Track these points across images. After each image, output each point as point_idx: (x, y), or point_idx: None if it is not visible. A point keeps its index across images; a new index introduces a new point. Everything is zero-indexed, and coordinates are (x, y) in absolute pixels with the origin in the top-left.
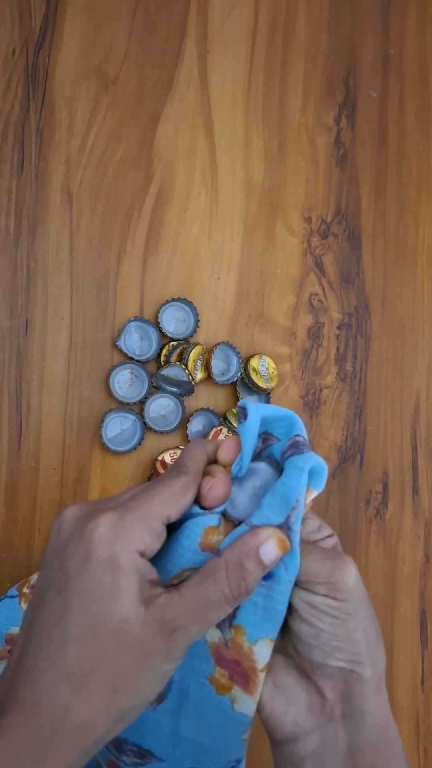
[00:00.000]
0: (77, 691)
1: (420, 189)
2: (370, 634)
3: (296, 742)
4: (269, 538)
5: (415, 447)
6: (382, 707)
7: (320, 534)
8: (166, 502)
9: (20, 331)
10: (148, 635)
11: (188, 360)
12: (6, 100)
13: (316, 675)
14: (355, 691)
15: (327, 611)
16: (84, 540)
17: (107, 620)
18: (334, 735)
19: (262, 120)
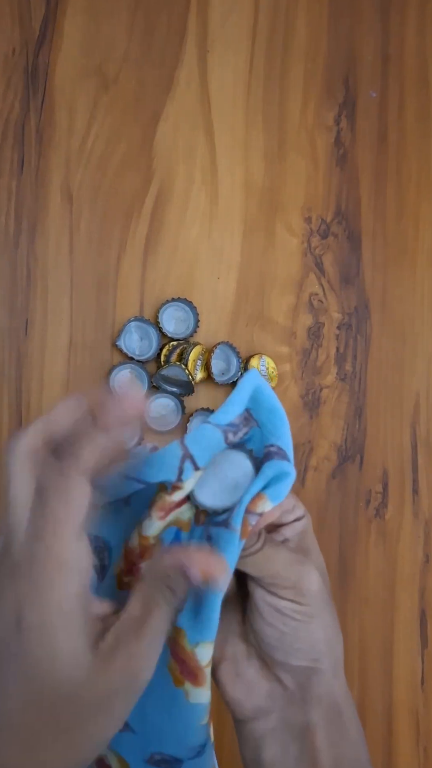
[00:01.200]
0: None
1: (420, 189)
2: (329, 630)
3: (257, 720)
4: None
5: (415, 447)
6: (338, 688)
7: (292, 515)
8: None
9: (20, 331)
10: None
11: (188, 360)
12: (6, 100)
13: (277, 669)
14: (313, 680)
15: (291, 615)
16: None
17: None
18: (293, 714)
19: (262, 120)
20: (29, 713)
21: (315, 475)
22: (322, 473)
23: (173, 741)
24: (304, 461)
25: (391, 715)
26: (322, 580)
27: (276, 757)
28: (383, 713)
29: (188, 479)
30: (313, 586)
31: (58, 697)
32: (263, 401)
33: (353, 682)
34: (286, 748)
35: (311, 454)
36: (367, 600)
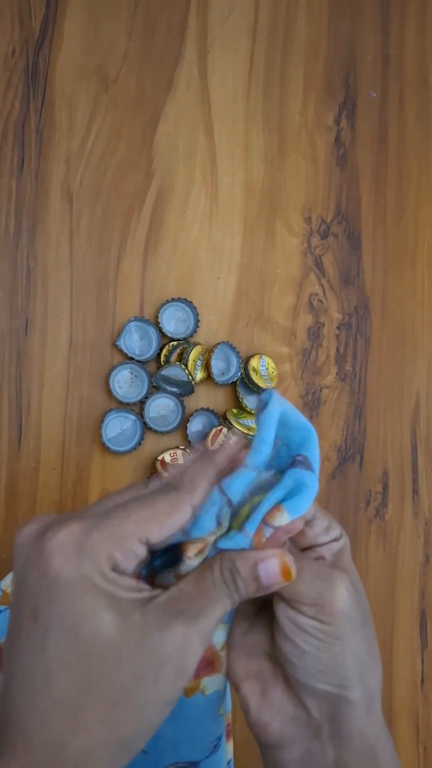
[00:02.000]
0: (71, 723)
1: (420, 189)
2: (360, 657)
3: (280, 749)
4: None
5: (415, 447)
6: (372, 726)
7: (327, 536)
8: (145, 522)
9: (20, 331)
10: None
11: (188, 360)
12: (6, 100)
13: (302, 693)
14: (343, 712)
15: (312, 633)
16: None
17: (95, 640)
18: (321, 750)
19: (262, 120)
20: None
21: None
22: (322, 473)
23: (189, 746)
24: None
25: (391, 715)
26: (352, 601)
27: None
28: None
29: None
30: (337, 604)
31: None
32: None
33: None
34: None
35: None
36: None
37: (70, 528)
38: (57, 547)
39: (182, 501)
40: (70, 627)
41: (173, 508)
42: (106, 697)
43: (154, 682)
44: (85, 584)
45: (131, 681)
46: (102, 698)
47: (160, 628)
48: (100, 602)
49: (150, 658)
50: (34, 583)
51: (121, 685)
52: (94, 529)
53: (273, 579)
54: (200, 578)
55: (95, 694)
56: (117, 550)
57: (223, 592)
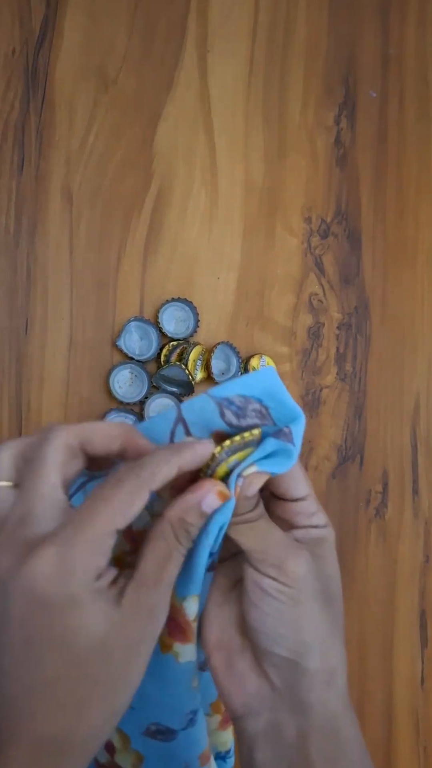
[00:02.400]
0: (76, 717)
1: (420, 189)
2: (320, 627)
3: (246, 719)
4: (208, 492)
5: (415, 447)
6: (333, 700)
7: (308, 520)
8: (111, 517)
9: (20, 331)
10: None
11: (188, 360)
12: (6, 100)
13: (264, 662)
14: (301, 681)
15: (274, 595)
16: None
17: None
18: (284, 720)
19: (262, 120)
20: (69, 677)
21: (315, 475)
22: (322, 473)
23: (167, 710)
24: (304, 461)
25: (391, 715)
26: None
27: (266, 759)
28: (383, 713)
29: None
30: (299, 569)
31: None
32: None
33: (353, 682)
34: (279, 754)
35: (311, 454)
36: (367, 600)
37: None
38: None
39: (142, 488)
40: (65, 646)
41: (133, 497)
42: (102, 689)
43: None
44: (74, 605)
45: (121, 668)
46: (99, 692)
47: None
48: (89, 616)
49: (131, 645)
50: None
51: (113, 675)
52: (69, 548)
53: (214, 505)
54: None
55: (93, 691)
56: (96, 556)
57: (178, 553)
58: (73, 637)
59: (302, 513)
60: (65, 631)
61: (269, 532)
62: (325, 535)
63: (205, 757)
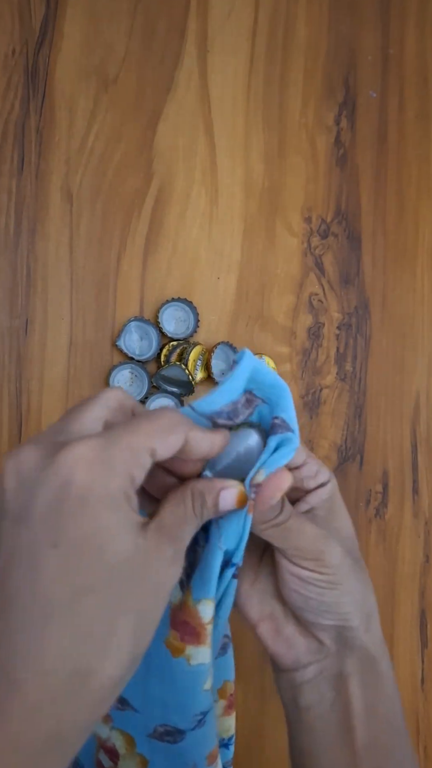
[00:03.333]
0: (101, 650)
1: (420, 189)
2: (356, 593)
3: (296, 671)
4: (233, 487)
5: (415, 447)
6: (371, 641)
7: (315, 481)
8: (152, 434)
9: (20, 331)
10: (156, 564)
11: (188, 360)
12: (6, 100)
13: (312, 628)
14: (347, 635)
15: (314, 583)
16: (62, 478)
17: (118, 562)
18: (329, 665)
19: (262, 120)
20: (99, 591)
21: None
22: None
23: (176, 711)
24: None
25: None
26: (344, 553)
27: (313, 702)
28: None
29: None
30: (334, 560)
31: (123, 571)
32: (263, 380)
33: None
34: (322, 695)
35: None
36: None
37: (90, 443)
38: (80, 462)
39: (181, 424)
40: (96, 550)
41: (172, 427)
42: (131, 618)
43: (159, 600)
44: (111, 503)
45: (146, 601)
46: (129, 620)
47: (158, 552)
48: (122, 523)
49: (155, 579)
50: (52, 505)
51: (140, 605)
52: (112, 445)
53: (228, 505)
54: (176, 509)
55: (124, 616)
56: (134, 466)
57: (194, 521)
58: (105, 541)
59: (308, 476)
60: (98, 531)
61: (302, 530)
62: (333, 489)
63: (213, 756)
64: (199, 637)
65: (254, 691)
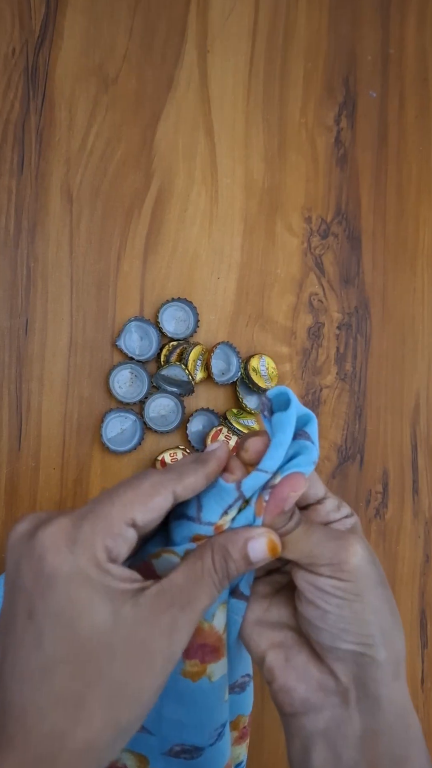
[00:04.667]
0: (72, 716)
1: (420, 189)
2: (382, 615)
3: (306, 716)
4: (261, 536)
5: (415, 447)
6: (399, 692)
7: (339, 513)
8: (129, 504)
9: (20, 331)
10: (145, 633)
11: (188, 360)
12: (6, 99)
13: (328, 657)
14: (370, 675)
15: (332, 592)
16: (35, 556)
17: (92, 635)
18: (348, 717)
19: (262, 120)
20: (74, 679)
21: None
22: (322, 473)
23: (195, 730)
24: None
25: None
26: (367, 558)
27: (326, 760)
28: None
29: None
30: (353, 560)
31: (101, 653)
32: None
33: None
34: (340, 753)
35: None
36: None
37: (61, 522)
38: (49, 542)
39: (165, 484)
40: (67, 623)
41: (155, 490)
42: (104, 689)
43: (147, 672)
44: (80, 578)
45: (126, 673)
46: (100, 691)
47: (150, 621)
48: (95, 596)
49: (142, 650)
50: (29, 580)
51: (117, 677)
52: (83, 521)
53: (260, 555)
54: (191, 568)
55: (94, 687)
56: (108, 538)
57: (212, 580)
58: (76, 615)
59: (330, 510)
60: (69, 605)
61: (312, 534)
62: (356, 522)
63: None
64: (218, 651)
65: (254, 691)
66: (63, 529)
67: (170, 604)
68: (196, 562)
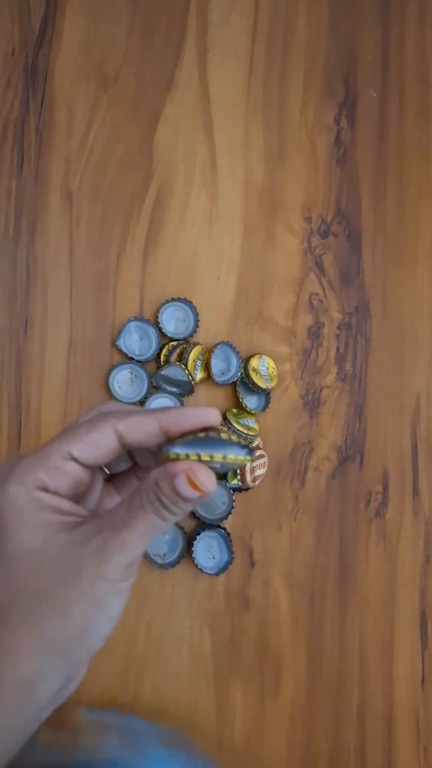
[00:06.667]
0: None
1: (420, 189)
2: None
3: None
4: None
5: (415, 447)
6: None
7: None
8: (66, 440)
9: (20, 331)
10: (75, 556)
11: (188, 360)
12: (5, 99)
13: None
14: None
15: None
16: None
17: (18, 553)
18: None
19: (262, 120)
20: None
21: (315, 475)
22: (322, 473)
23: None
24: (304, 461)
25: (391, 715)
26: None
27: None
28: (383, 713)
29: None
30: None
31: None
32: None
33: (353, 682)
34: None
35: (311, 454)
36: (367, 600)
37: (10, 460)
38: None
39: (104, 422)
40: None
41: (93, 426)
42: (26, 600)
43: (74, 586)
44: (8, 504)
45: (51, 586)
46: (24, 602)
47: (80, 544)
48: (24, 520)
49: (69, 566)
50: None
51: (42, 590)
52: (24, 457)
53: (188, 493)
54: (130, 500)
55: (18, 599)
56: (42, 471)
57: (150, 508)
58: (2, 535)
59: None
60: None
61: None
62: None
63: None
64: None
65: (254, 691)
66: (7, 464)
67: (103, 529)
68: (135, 495)
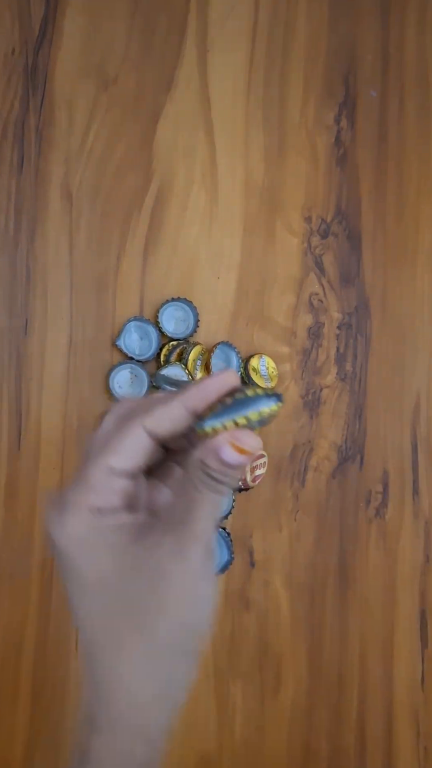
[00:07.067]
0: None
1: (420, 189)
2: None
3: None
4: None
5: (415, 447)
6: None
7: None
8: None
9: (20, 331)
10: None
11: (188, 360)
12: (5, 99)
13: None
14: None
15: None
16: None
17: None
18: None
19: (262, 120)
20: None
21: (315, 475)
22: (322, 473)
23: None
24: (304, 461)
25: (391, 715)
26: None
27: None
28: (383, 713)
29: None
30: None
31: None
32: None
33: (353, 682)
34: None
35: (311, 454)
36: (367, 600)
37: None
38: (49, 519)
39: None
40: (77, 580)
41: (122, 434)
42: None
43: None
44: (72, 540)
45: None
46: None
47: (155, 550)
48: (92, 549)
49: (152, 574)
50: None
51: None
52: (69, 490)
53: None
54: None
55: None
56: (90, 495)
57: (205, 489)
58: (80, 576)
59: None
60: (73, 569)
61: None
62: None
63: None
64: None
65: (254, 691)
66: (55, 502)
67: (169, 528)
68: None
